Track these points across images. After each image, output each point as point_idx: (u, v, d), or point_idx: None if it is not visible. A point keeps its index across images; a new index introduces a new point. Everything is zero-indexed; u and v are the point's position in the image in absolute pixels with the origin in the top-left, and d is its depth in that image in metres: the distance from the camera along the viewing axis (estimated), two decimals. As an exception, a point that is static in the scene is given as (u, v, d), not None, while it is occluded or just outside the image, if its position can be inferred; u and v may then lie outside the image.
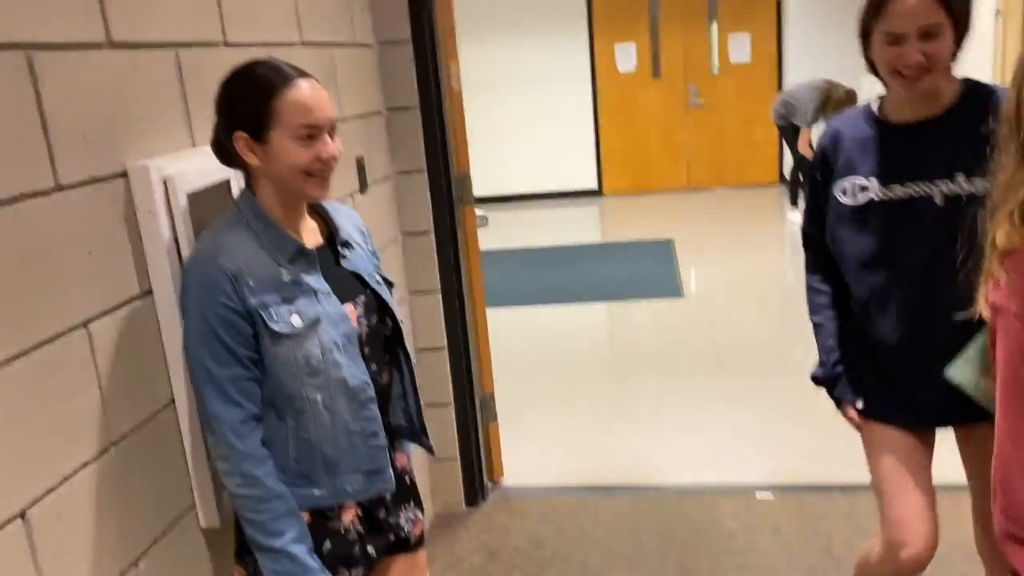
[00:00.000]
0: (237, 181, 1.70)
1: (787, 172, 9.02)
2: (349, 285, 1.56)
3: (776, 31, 8.94)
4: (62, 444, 1.30)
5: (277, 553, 1.42)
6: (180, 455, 1.57)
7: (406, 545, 1.67)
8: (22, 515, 1.23)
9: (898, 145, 1.70)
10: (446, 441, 3.04)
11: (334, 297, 1.50)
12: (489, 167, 7.83)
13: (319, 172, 1.44)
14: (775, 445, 3.49)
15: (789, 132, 6.97)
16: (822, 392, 1.92)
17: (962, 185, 1.64)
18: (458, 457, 3.09)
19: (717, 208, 8.62)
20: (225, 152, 1.47)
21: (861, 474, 1.92)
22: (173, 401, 1.55)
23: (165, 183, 1.49)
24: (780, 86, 8.70)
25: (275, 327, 1.42)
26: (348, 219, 1.66)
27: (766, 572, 2.65)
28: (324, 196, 1.49)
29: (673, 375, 4.41)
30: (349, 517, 1.54)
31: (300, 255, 1.48)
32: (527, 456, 3.51)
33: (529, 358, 4.75)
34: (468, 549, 2.90)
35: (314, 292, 1.47)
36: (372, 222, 2.61)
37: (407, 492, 1.68)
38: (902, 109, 1.72)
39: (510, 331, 5.07)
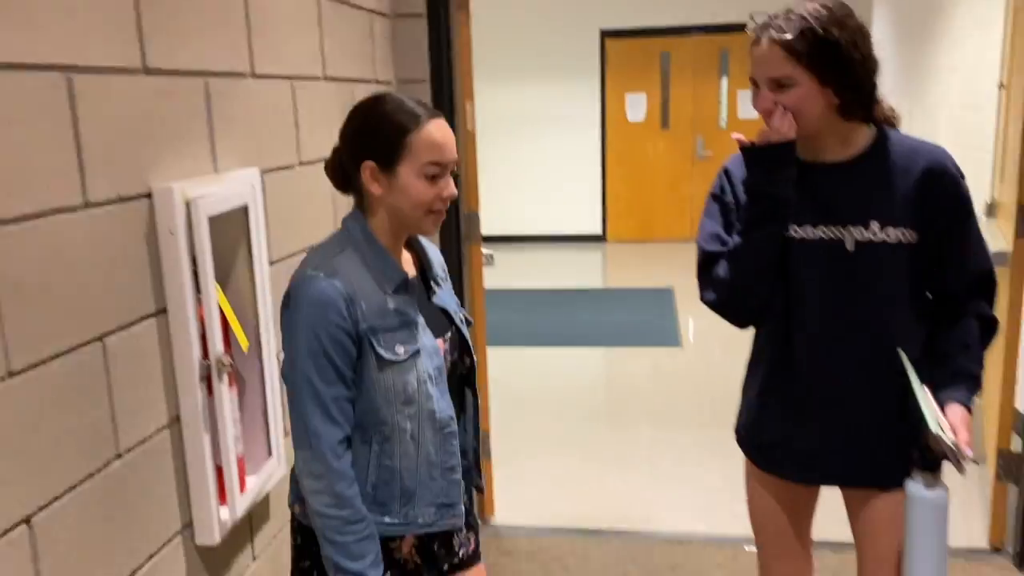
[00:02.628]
0: (255, 207, 1.75)
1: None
2: (439, 320, 1.58)
3: (785, 90, 9.07)
4: (71, 454, 1.33)
5: None
6: (181, 472, 1.60)
7: (462, 566, 1.67)
8: (27, 520, 1.25)
9: (813, 186, 1.65)
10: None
11: (429, 330, 1.52)
12: (497, 207, 7.91)
13: (438, 210, 1.49)
14: (766, 498, 3.49)
15: None
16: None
17: (875, 232, 1.62)
18: (450, 492, 3.10)
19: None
20: (344, 177, 1.52)
21: (848, 532, 1.94)
22: (179, 419, 1.59)
23: (188, 205, 1.54)
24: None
25: (383, 353, 1.44)
26: (435, 255, 1.68)
27: (751, 625, 2.65)
28: (435, 232, 1.54)
29: (668, 424, 4.43)
30: (407, 547, 1.55)
31: (404, 286, 1.50)
32: (519, 496, 3.52)
33: (526, 399, 4.77)
34: None
35: (415, 323, 1.50)
36: (380, 254, 2.66)
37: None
38: (805, 151, 1.66)
39: (509, 371, 5.10)
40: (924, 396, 1.57)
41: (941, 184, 1.62)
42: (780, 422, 1.78)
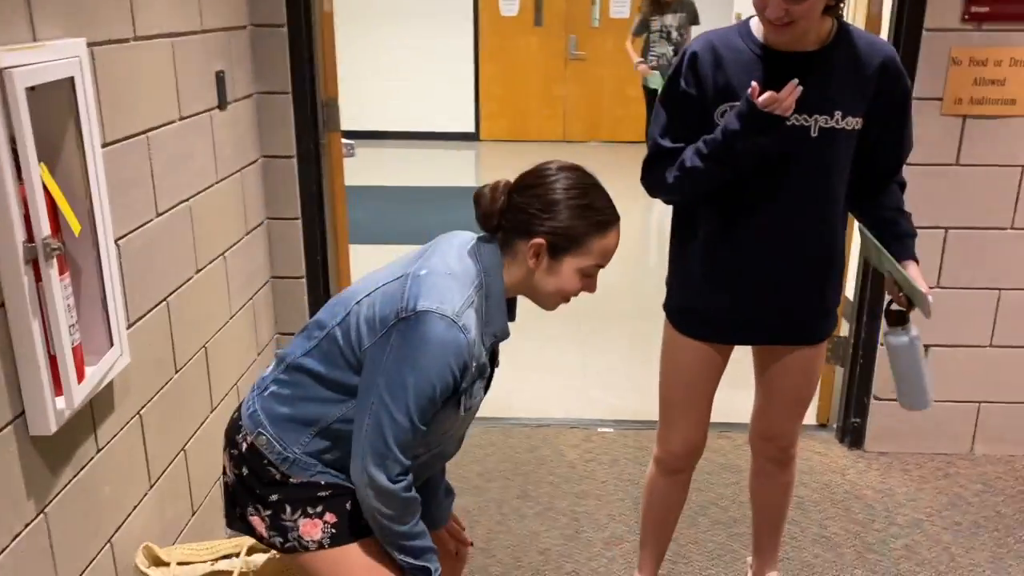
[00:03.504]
0: (82, 81, 1.63)
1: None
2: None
3: (657, -10, 9.08)
4: None
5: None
6: (10, 360, 1.52)
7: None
8: None
9: (781, 74, 1.71)
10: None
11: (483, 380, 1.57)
12: (363, 101, 7.66)
13: (571, 298, 1.54)
14: (619, 384, 3.68)
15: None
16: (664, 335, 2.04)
17: (838, 121, 1.76)
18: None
19: (590, 161, 8.74)
20: (495, 222, 1.50)
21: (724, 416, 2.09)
22: (3, 305, 1.50)
23: (1, 75, 1.41)
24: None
25: (462, 407, 1.51)
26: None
27: (602, 498, 2.83)
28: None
29: (534, 316, 4.54)
30: None
31: (497, 344, 1.54)
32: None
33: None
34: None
35: (485, 377, 1.56)
36: (231, 143, 2.56)
37: None
38: (782, 43, 1.76)
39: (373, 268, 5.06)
40: (893, 261, 1.82)
41: (894, 78, 1.79)
42: (718, 291, 1.90)
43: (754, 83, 1.67)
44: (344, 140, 3.18)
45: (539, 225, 1.46)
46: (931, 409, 2.00)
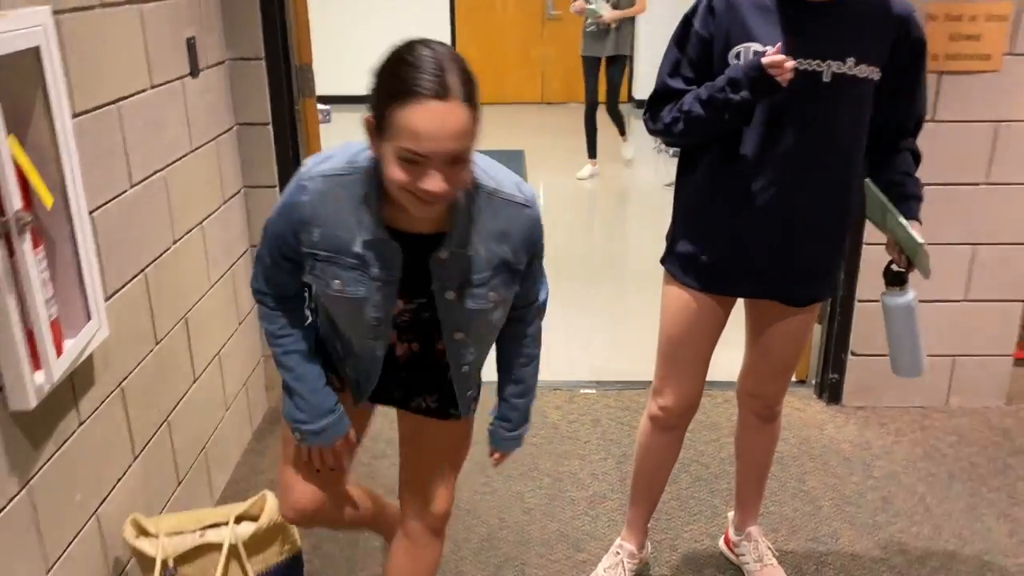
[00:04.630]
0: (48, 51, 1.60)
1: (636, 92, 9.25)
2: (418, 284, 1.49)
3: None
4: None
5: None
6: (-14, 335, 1.51)
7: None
8: None
9: (797, 19, 1.74)
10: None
11: (392, 287, 1.48)
12: (339, 66, 7.55)
13: (420, 198, 1.30)
14: (601, 345, 3.71)
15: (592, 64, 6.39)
16: (644, 296, 2.05)
17: (851, 67, 1.75)
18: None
19: (568, 123, 8.75)
20: None
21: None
22: (-23, 279, 1.48)
23: (-38, 45, 1.38)
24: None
25: (309, 279, 1.51)
26: (498, 223, 1.47)
27: (585, 458, 2.87)
28: (429, 214, 1.36)
29: (513, 281, 4.54)
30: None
31: (379, 244, 1.43)
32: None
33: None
34: (303, 442, 2.95)
35: (371, 278, 1.46)
36: (205, 111, 2.52)
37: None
38: None
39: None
40: (901, 218, 1.80)
41: (910, 31, 1.79)
42: (721, 238, 1.90)
43: (779, 44, 1.70)
44: (320, 106, 3.15)
45: (371, 97, 1.32)
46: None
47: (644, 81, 8.83)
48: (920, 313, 1.94)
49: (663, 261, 2.03)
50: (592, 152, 6.63)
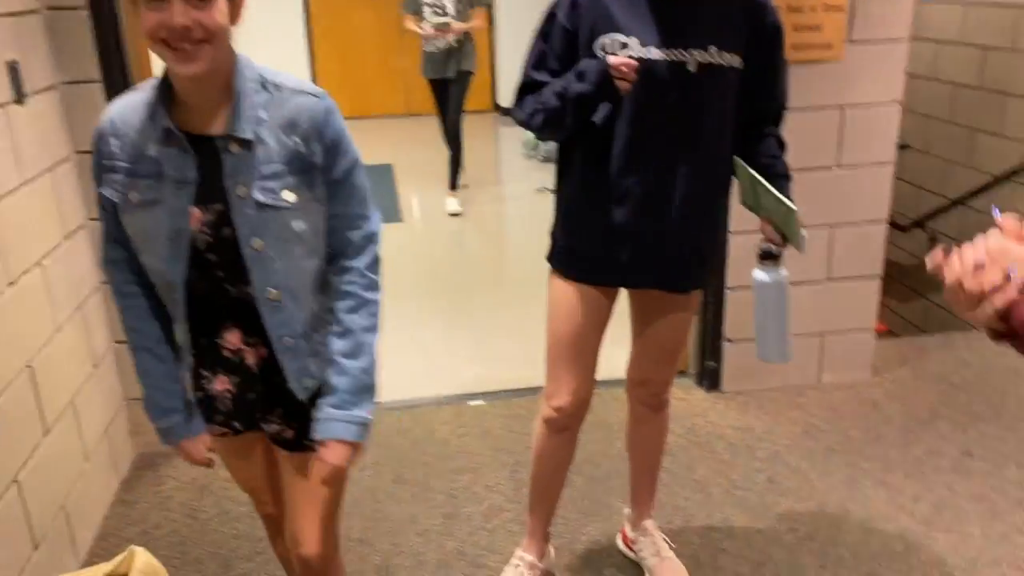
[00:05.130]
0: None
1: (501, 100, 9.29)
2: (213, 188, 1.41)
3: (487, -43, 9.03)
4: None
5: None
6: None
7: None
8: None
9: (660, 9, 1.75)
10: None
11: (187, 189, 1.40)
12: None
13: (174, 43, 1.28)
14: (486, 356, 3.66)
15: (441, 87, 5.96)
16: (526, 304, 2.02)
17: (714, 55, 1.76)
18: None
19: (437, 135, 8.69)
20: None
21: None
22: None
23: None
24: (491, 15, 8.86)
25: (113, 197, 1.43)
26: (286, 112, 1.43)
27: (477, 471, 2.81)
28: (192, 71, 1.33)
29: (393, 297, 4.42)
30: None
31: (170, 142, 1.39)
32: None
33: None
34: (175, 487, 2.76)
35: (167, 180, 1.40)
36: (36, 140, 2.32)
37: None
38: None
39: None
40: (771, 188, 1.79)
41: (765, 16, 1.81)
42: (596, 233, 1.88)
43: (640, 58, 1.72)
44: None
45: None
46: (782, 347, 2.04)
47: (508, 90, 8.87)
48: (790, 297, 1.97)
49: (548, 258, 2.02)
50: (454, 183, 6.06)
